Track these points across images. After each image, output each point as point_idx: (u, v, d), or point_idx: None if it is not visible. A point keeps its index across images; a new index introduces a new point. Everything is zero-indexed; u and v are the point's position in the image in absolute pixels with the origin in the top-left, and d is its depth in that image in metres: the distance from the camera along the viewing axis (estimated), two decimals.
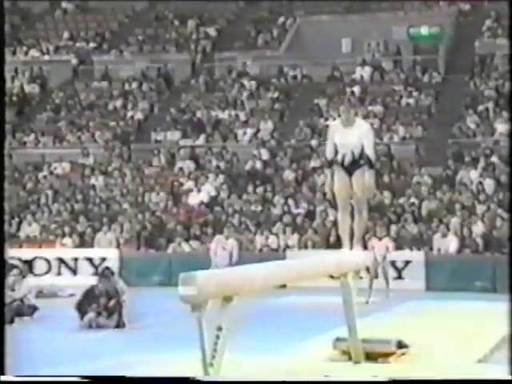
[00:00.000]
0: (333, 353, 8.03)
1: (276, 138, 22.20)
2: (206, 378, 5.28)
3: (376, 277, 14.72)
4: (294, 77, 24.66)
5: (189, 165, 21.36)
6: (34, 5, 29.16)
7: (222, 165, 21.11)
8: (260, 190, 19.78)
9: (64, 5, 29.29)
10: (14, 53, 26.97)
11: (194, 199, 19.92)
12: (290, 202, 19.09)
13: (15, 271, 13.37)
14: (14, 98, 25.16)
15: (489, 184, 18.35)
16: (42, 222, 19.68)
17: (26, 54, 26.88)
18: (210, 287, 5.25)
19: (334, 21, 25.72)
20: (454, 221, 17.29)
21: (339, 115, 8.50)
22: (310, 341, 9.37)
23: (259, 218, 18.83)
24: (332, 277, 7.59)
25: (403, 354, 8.02)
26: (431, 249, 16.97)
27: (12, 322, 12.27)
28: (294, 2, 27.52)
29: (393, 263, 16.07)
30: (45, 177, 21.65)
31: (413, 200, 18.48)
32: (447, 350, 8.62)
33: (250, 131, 22.51)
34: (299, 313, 12.64)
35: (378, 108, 22.47)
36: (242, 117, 23.11)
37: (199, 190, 20.10)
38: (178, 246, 18.21)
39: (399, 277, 16.34)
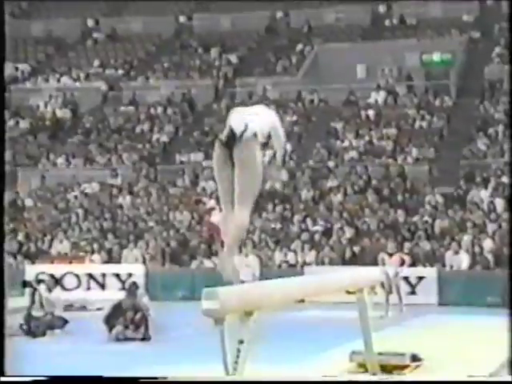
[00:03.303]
0: (349, 365, 7.98)
1: (294, 160, 22.20)
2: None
3: (390, 292, 14.64)
4: (312, 101, 24.70)
5: (211, 185, 21.36)
6: (67, 35, 29.42)
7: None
8: (279, 208, 19.76)
9: (95, 35, 29.56)
10: (47, 80, 27.22)
11: (216, 217, 19.90)
12: (308, 220, 19.04)
13: (43, 286, 13.42)
14: (47, 123, 25.37)
15: (499, 203, 18.22)
16: (72, 239, 19.74)
17: (59, 81, 27.11)
18: (231, 302, 5.23)
19: (350, 48, 25.76)
20: (466, 238, 17.17)
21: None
22: (328, 353, 9.32)
23: (278, 235, 18.79)
24: (348, 292, 7.55)
25: (417, 366, 7.95)
26: (443, 265, 16.85)
27: (44, 334, 12.31)
28: (312, 31, 27.61)
29: (406, 279, 15.97)
30: (75, 196, 21.75)
31: (426, 218, 18.38)
32: (460, 363, 8.53)
33: (269, 153, 22.49)
34: (317, 326, 12.57)
35: (392, 131, 22.43)
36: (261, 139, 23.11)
37: (221, 209, 20.09)
38: (201, 263, 18.21)
39: (413, 292, 16.22)
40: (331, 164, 21.38)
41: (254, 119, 5.81)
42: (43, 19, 30.09)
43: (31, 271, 17.19)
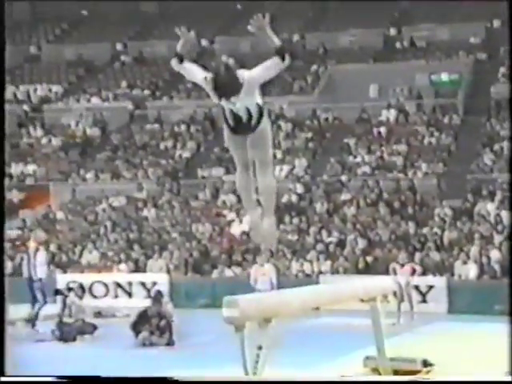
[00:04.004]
0: (363, 370, 7.92)
1: (310, 174, 22.18)
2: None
3: (402, 300, 14.55)
4: (326, 119, 24.68)
5: (231, 198, 21.39)
6: (97, 58, 29.61)
7: (261, 198, 21.05)
8: (295, 220, 19.72)
9: (123, 58, 29.75)
10: (78, 100, 27.40)
11: (236, 229, 19.91)
12: (323, 231, 18.98)
13: (72, 294, 13.46)
14: (78, 140, 25.50)
15: (505, 215, 18.08)
16: (101, 249, 19.79)
17: (89, 101, 27.27)
18: (251, 310, 5.23)
19: (363, 69, 25.76)
20: (474, 249, 17.03)
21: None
22: (342, 359, 9.26)
23: (295, 246, 18.74)
24: (362, 300, 7.51)
25: (428, 372, 7.88)
26: (452, 275, 16.72)
27: (74, 339, 12.34)
28: (326, 53, 27.62)
29: (417, 288, 15.85)
30: (104, 209, 21.82)
31: (435, 230, 18.26)
32: (469, 368, 8.44)
33: (286, 168, 22.52)
34: (332, 333, 12.51)
35: (403, 147, 22.36)
36: (279, 155, 23.12)
37: (241, 221, 20.08)
38: (222, 272, 18.19)
39: (423, 300, 16.10)
40: (344, 178, 21.32)
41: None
42: (75, 44, 30.35)
43: (63, 280, 17.27)
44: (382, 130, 23.26)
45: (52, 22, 31.86)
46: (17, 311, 14.51)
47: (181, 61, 5.54)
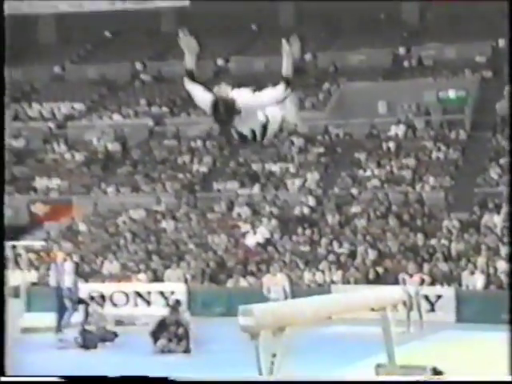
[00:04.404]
0: (374, 377, 7.83)
1: (321, 187, 22.13)
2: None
3: (412, 309, 14.44)
4: (337, 134, 24.65)
5: (246, 210, 21.38)
6: (118, 77, 29.77)
7: (275, 210, 21.07)
8: (308, 232, 19.66)
9: (142, 77, 29.90)
10: (100, 117, 27.54)
11: (250, 240, 19.88)
12: (334, 242, 18.92)
13: (94, 303, 13.47)
14: (100, 155, 25.60)
15: None
16: (121, 260, 19.82)
17: (110, 118, 27.41)
18: (265, 319, 5.19)
19: (372, 87, 25.73)
20: (481, 260, 16.91)
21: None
22: (354, 366, 9.18)
23: (307, 256, 18.68)
24: (373, 309, 7.44)
25: (438, 379, 7.77)
26: (460, 285, 16.60)
27: (96, 346, 12.33)
28: (337, 71, 27.64)
29: (426, 297, 15.75)
30: (124, 222, 21.87)
31: (443, 241, 18.15)
32: (478, 375, 8.33)
33: (298, 181, 22.49)
34: (343, 341, 12.42)
35: (411, 161, 22.28)
36: (292, 169, 23.13)
37: (255, 233, 20.06)
38: (237, 281, 18.14)
39: (432, 309, 15.99)
40: (355, 191, 21.26)
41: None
42: (97, 64, 30.54)
43: (85, 289, 17.27)
44: (391, 144, 23.19)
45: (76, 43, 32.11)
46: (41, 319, 14.56)
47: (192, 78, 5.34)
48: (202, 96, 5.27)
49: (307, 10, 30.54)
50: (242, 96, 5.14)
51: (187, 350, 11.64)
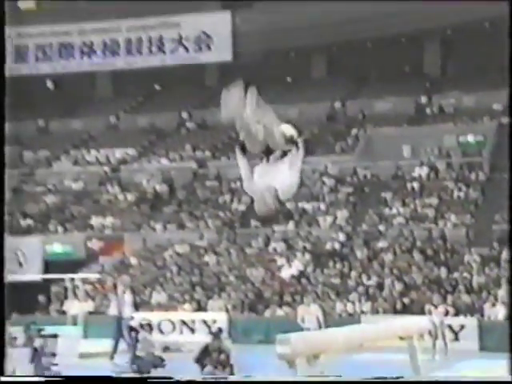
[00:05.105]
0: None
1: (351, 224, 22.01)
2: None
3: (437, 338, 14.19)
4: (365, 176, 24.59)
5: (281, 246, 21.35)
6: (166, 125, 30.20)
7: (308, 245, 21.00)
8: (338, 265, 19.53)
9: (188, 124, 30.31)
10: (149, 161, 27.91)
11: (285, 273, 19.80)
12: (363, 275, 18.74)
13: (143, 330, 13.50)
14: (149, 196, 25.86)
15: None
16: (168, 291, 19.88)
17: (158, 162, 27.75)
18: (301, 347, 5.19)
19: (397, 132, 25.69)
20: (501, 292, 16.57)
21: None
22: None
23: (338, 288, 18.53)
24: (401, 338, 7.35)
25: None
26: (482, 315, 16.27)
27: (149, 372, 12.33)
28: (365, 118, 27.69)
29: (450, 327, 15.46)
30: (170, 256, 21.98)
31: (465, 275, 17.87)
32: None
33: (329, 218, 22.42)
34: (373, 367, 12.21)
35: (434, 200, 22.07)
36: (323, 207, 23.09)
37: (290, 266, 19.99)
38: (274, 311, 18.04)
39: (456, 339, 15.67)
40: (382, 228, 21.10)
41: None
42: (147, 113, 31.09)
43: (135, 318, 17.34)
44: (415, 185, 23.04)
45: (129, 95, 32.78)
46: (97, 345, 14.63)
47: (244, 151, 5.09)
48: (245, 173, 5.15)
49: (337, 62, 30.82)
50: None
51: (231, 375, 11.55)
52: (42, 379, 5.27)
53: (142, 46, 31.37)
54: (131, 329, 13.47)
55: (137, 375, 12.16)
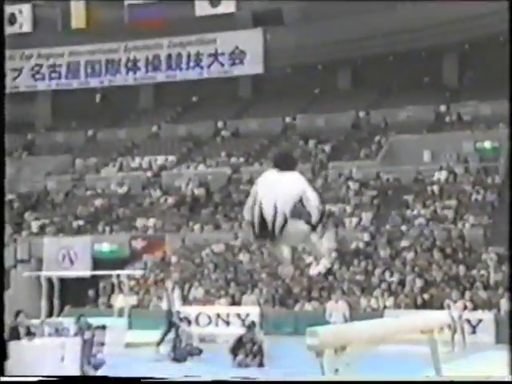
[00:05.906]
0: None
1: (374, 225, 21.86)
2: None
3: (455, 332, 14.01)
4: (388, 179, 24.40)
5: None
6: (203, 134, 30.35)
7: (335, 245, 20.89)
8: (363, 263, 19.41)
9: (223, 133, 30.45)
10: (188, 167, 28.10)
11: (313, 270, 19.67)
12: (386, 273, 18.60)
13: (182, 323, 13.60)
14: (187, 199, 26.02)
15: None
16: (205, 287, 19.97)
17: (196, 168, 27.92)
18: (329, 339, 5.18)
19: (418, 139, 25.49)
20: None
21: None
22: (405, 379, 8.93)
23: (363, 284, 18.42)
24: (422, 332, 7.29)
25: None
26: (499, 310, 16.00)
27: (185, 360, 12.43)
28: (387, 126, 27.51)
29: (468, 321, 15.25)
30: (207, 254, 22.07)
31: (482, 272, 17.61)
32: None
33: (354, 220, 22.31)
34: (396, 359, 12.13)
35: (453, 202, 21.80)
36: (349, 209, 22.97)
37: (317, 264, 19.90)
38: (302, 305, 18.01)
39: (474, 332, 15.45)
40: (404, 228, 20.92)
41: (280, 194, 4.86)
42: (186, 123, 31.33)
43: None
44: (435, 188, 22.78)
45: (169, 106, 33.09)
46: (141, 336, 14.80)
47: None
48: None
49: (361, 74, 30.69)
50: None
51: (261, 365, 11.59)
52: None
53: (181, 61, 31.69)
54: (181, 320, 13.57)
55: (174, 363, 12.26)
